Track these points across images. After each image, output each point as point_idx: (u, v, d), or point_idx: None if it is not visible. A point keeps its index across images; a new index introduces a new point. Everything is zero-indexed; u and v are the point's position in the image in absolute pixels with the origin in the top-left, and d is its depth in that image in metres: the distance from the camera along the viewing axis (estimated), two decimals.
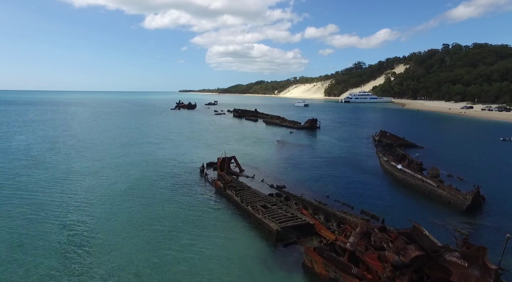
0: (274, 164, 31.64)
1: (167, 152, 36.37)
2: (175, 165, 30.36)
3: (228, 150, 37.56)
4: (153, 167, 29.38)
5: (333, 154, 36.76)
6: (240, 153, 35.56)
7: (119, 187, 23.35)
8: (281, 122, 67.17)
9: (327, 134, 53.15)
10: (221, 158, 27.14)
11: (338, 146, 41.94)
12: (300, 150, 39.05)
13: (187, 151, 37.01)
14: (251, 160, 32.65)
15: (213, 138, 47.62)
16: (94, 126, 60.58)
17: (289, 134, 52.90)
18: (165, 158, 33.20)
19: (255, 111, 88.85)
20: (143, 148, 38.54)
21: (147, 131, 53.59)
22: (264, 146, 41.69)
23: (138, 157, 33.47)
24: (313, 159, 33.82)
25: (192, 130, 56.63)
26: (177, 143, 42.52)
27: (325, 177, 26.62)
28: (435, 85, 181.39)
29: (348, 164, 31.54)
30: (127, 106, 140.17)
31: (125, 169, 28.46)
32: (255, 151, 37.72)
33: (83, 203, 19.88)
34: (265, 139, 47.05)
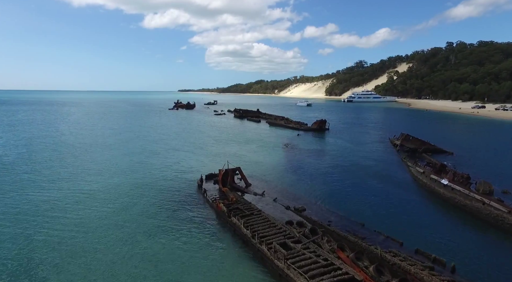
0: (285, 174, 26.83)
1: (160, 159, 31.51)
2: (168, 176, 25.54)
3: (231, 156, 32.87)
4: (140, 179, 24.54)
5: (351, 160, 31.96)
6: (244, 160, 30.78)
7: (90, 211, 18.52)
8: (286, 123, 62.22)
9: (338, 137, 48.35)
10: (223, 170, 22.34)
11: (353, 151, 37.14)
12: (312, 155, 34.25)
13: (183, 158, 32.17)
14: (257, 169, 27.86)
15: (213, 142, 42.79)
16: (83, 128, 55.70)
17: (296, 137, 48.10)
18: (156, 167, 28.35)
19: (257, 112, 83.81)
20: (132, 153, 33.69)
21: (140, 134, 48.73)
22: (271, 151, 36.89)
23: (125, 164, 28.64)
24: (329, 167, 29.01)
25: (189, 133, 51.79)
26: (172, 148, 37.69)
27: (350, 194, 21.82)
28: (440, 84, 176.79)
29: (372, 175, 26.74)
30: (123, 107, 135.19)
31: (105, 182, 23.63)
32: (261, 157, 32.91)
33: (44, 226, 15.08)
34: (271, 143, 42.25)
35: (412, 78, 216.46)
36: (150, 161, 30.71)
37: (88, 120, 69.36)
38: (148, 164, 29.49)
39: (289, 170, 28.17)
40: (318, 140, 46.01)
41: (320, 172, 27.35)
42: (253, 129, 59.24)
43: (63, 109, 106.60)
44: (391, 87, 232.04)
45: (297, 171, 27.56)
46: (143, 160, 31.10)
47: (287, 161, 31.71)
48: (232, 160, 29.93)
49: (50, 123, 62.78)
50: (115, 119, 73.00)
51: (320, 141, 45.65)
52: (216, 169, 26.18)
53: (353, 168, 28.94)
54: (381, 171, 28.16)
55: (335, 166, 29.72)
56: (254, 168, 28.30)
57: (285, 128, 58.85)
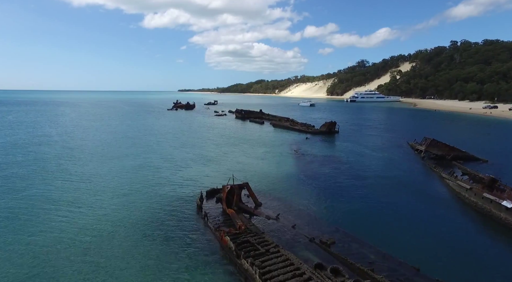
0: (300, 188, 22.81)
1: (153, 169, 27.44)
2: (161, 191, 21.50)
3: (234, 165, 28.82)
4: (126, 196, 20.47)
5: (374, 170, 27.94)
6: (250, 170, 26.75)
7: (63, 234, 14.49)
8: (292, 125, 58.10)
9: (350, 141, 44.31)
10: (228, 187, 18.29)
11: (372, 158, 33.11)
12: (327, 163, 30.21)
13: (180, 167, 28.13)
14: (266, 181, 23.86)
15: (213, 147, 38.75)
16: (74, 131, 51.64)
17: (305, 141, 44.06)
18: (148, 179, 24.31)
19: (260, 113, 79.57)
20: (121, 162, 29.64)
21: (134, 138, 44.69)
22: (279, 158, 32.85)
23: (110, 176, 24.60)
24: (351, 179, 24.99)
25: (188, 136, 47.75)
26: (168, 155, 33.66)
27: (385, 217, 17.79)
28: (445, 83, 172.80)
29: (403, 189, 22.74)
30: (121, 107, 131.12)
31: (86, 198, 19.59)
32: (270, 166, 28.86)
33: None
34: (278, 148, 38.23)
35: (415, 77, 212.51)
36: (141, 171, 26.65)
37: (81, 122, 65.30)
38: (139, 175, 25.44)
39: (304, 182, 24.14)
40: (330, 145, 41.98)
41: (341, 186, 23.32)
42: (257, 132, 55.21)
43: (57, 110, 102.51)
44: (394, 87, 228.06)
45: (314, 184, 23.53)
46: (133, 170, 27.03)
47: (299, 170, 27.65)
48: (237, 170, 25.97)
49: (40, 125, 58.75)
50: (110, 121, 68.93)
51: (331, 145, 41.62)
52: (218, 181, 22.22)
53: (378, 180, 24.92)
54: (411, 184, 24.14)
55: (357, 177, 25.69)
56: (262, 180, 24.28)
57: (291, 131, 54.81)
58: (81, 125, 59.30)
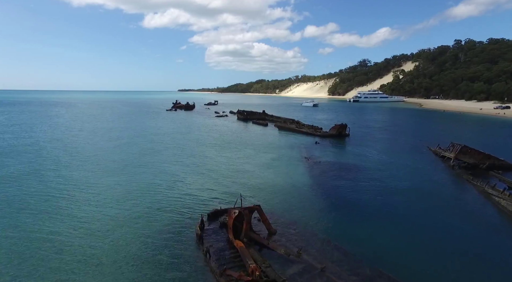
0: (319, 208, 19.06)
1: (143, 183, 23.59)
2: (152, 213, 17.74)
3: (239, 175, 25.08)
4: (107, 221, 16.77)
5: (399, 182, 24.21)
6: (258, 183, 23.05)
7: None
8: (298, 127, 54.35)
9: (364, 146, 40.59)
10: (236, 212, 14.54)
11: (394, 167, 29.37)
12: (346, 174, 26.47)
13: (177, 181, 24.35)
14: (279, 199, 20.16)
15: (215, 153, 35.02)
16: (64, 133, 47.90)
17: (315, 146, 40.34)
18: (136, 196, 20.52)
19: (263, 114, 75.66)
20: (109, 173, 25.91)
21: (128, 142, 40.98)
22: (290, 166, 29.12)
23: (94, 191, 20.88)
24: (377, 194, 21.25)
25: (187, 140, 44.05)
26: (163, 163, 29.92)
27: (429, 247, 14.07)
28: (450, 83, 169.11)
29: (439, 207, 19.04)
30: (118, 107, 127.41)
31: (57, 220, 15.90)
32: (280, 179, 25.11)
33: None
34: (286, 154, 34.53)
35: (419, 77, 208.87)
36: (129, 186, 22.88)
37: (73, 124, 61.54)
38: (126, 191, 21.65)
39: (322, 200, 20.40)
40: (342, 150, 38.25)
41: (368, 205, 19.59)
42: (261, 135, 51.48)
43: (51, 111, 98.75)
44: (398, 87, 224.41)
45: (335, 203, 19.80)
46: (119, 185, 23.24)
47: (315, 184, 23.90)
48: (242, 184, 22.26)
49: (30, 127, 55.05)
50: (104, 123, 65.19)
51: (345, 151, 37.88)
52: (221, 197, 18.59)
53: (408, 196, 21.20)
54: (448, 200, 20.46)
55: (383, 191, 21.96)
56: (273, 196, 20.58)
57: (297, 134, 51.05)
58: (73, 128, 55.58)
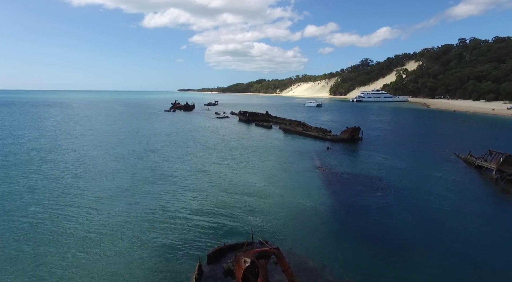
0: (352, 244, 15.08)
1: (127, 206, 19.60)
2: (134, 253, 13.73)
3: (244, 192, 21.00)
4: (76, 260, 12.79)
5: (434, 199, 20.20)
6: (267, 206, 18.99)
7: None
8: (306, 130, 50.27)
9: (381, 152, 36.60)
10: (247, 261, 10.54)
11: (423, 179, 25.35)
12: (370, 189, 22.44)
13: (167, 201, 20.30)
14: (298, 231, 16.15)
15: (215, 163, 30.93)
16: (53, 136, 43.88)
17: (327, 151, 36.33)
18: (115, 227, 16.50)
19: (266, 115, 71.46)
20: (91, 189, 21.92)
21: (119, 148, 36.97)
22: (303, 180, 25.07)
23: (65, 216, 16.91)
24: (419, 221, 17.26)
25: (185, 145, 40.04)
26: (152, 175, 25.91)
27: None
28: (456, 82, 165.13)
29: (491, 235, 15.08)
30: (116, 108, 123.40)
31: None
32: (294, 197, 21.06)
33: None
34: (296, 163, 30.52)
35: (423, 76, 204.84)
36: (110, 212, 18.86)
37: (63, 126, 57.49)
38: (101, 222, 17.68)
39: (354, 230, 16.34)
40: (359, 158, 34.17)
41: (412, 235, 15.59)
42: (265, 139, 47.44)
43: (44, 112, 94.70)
44: (401, 86, 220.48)
45: (372, 233, 15.77)
46: (103, 209, 19.26)
47: (339, 204, 19.83)
48: (249, 205, 18.21)
49: (17, 130, 51.01)
50: (98, 125, 61.16)
51: (361, 158, 33.80)
52: (224, 228, 14.62)
53: (451, 219, 17.21)
54: (501, 225, 16.46)
55: (424, 215, 17.93)
56: (290, 226, 16.55)
57: (305, 138, 47.03)
58: (63, 130, 51.57)
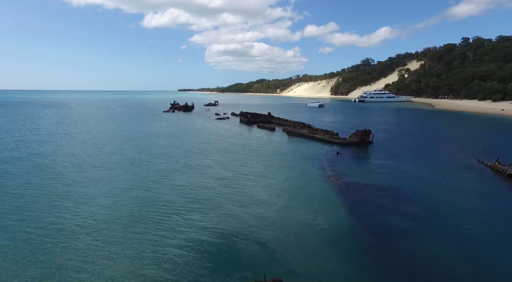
0: (379, 276, 12.28)
1: (111, 236, 16.81)
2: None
3: (250, 208, 18.06)
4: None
5: (468, 215, 17.39)
6: (278, 230, 16.13)
7: None
8: (312, 133, 47.36)
9: (395, 157, 33.75)
10: None
11: (451, 191, 22.47)
12: (394, 203, 19.59)
13: (158, 226, 17.43)
14: (317, 264, 13.32)
15: (215, 172, 28.09)
16: (43, 140, 41.08)
17: (337, 157, 33.50)
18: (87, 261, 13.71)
19: (268, 116, 68.55)
20: (74, 204, 19.09)
21: (107, 153, 34.15)
22: (315, 192, 22.21)
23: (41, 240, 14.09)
24: (457, 246, 14.42)
25: (181, 152, 37.20)
26: (143, 188, 23.08)
27: None
28: (460, 82, 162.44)
29: None
30: (113, 108, 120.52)
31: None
32: (307, 216, 18.14)
33: None
34: (305, 170, 27.68)
35: (426, 76, 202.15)
36: (92, 237, 16.06)
37: (57, 128, 54.63)
38: (78, 256, 14.84)
39: (382, 259, 13.54)
40: (373, 164, 31.20)
41: (452, 266, 12.76)
42: (268, 142, 44.57)
43: (39, 113, 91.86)
44: (403, 86, 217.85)
45: (404, 263, 12.96)
46: (85, 235, 16.43)
47: (357, 221, 16.96)
48: (255, 230, 15.30)
49: (6, 132, 48.19)
50: (92, 126, 58.32)
51: (376, 165, 30.85)
52: (226, 265, 11.75)
53: (495, 245, 14.39)
54: None
55: (461, 238, 15.11)
56: (301, 251, 13.71)
57: (311, 141, 44.15)
58: (55, 133, 48.74)
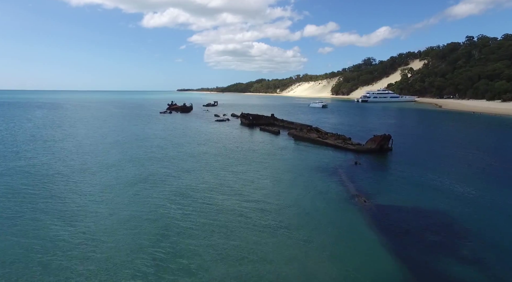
0: None
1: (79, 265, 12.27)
2: None
3: (256, 237, 13.43)
4: None
5: None
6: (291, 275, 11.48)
7: None
8: (321, 137, 42.75)
9: (424, 167, 29.17)
10: None
11: (509, 214, 18.03)
12: (451, 238, 15.11)
13: (146, 264, 12.97)
14: None
15: (213, 189, 23.50)
16: (20, 146, 36.54)
17: (355, 168, 28.95)
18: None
19: (272, 118, 63.77)
20: (41, 228, 14.55)
21: (90, 161, 29.59)
22: (337, 219, 17.70)
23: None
24: None
25: (176, 160, 32.64)
26: (128, 210, 18.51)
27: None
28: (467, 82, 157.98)
29: None
30: (108, 109, 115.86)
31: None
32: (330, 253, 13.71)
33: None
34: (323, 187, 23.15)
35: (430, 75, 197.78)
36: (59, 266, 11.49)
37: (43, 132, 49.95)
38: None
39: None
40: (402, 177, 26.48)
41: None
42: (273, 148, 39.98)
43: (30, 114, 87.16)
44: (407, 86, 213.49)
45: None
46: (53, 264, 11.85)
47: (408, 273, 12.51)
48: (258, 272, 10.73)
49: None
50: (81, 130, 53.69)
51: (405, 179, 26.18)
52: None
53: None
54: None
55: None
56: None
57: (321, 147, 39.61)
58: (39, 137, 44.12)
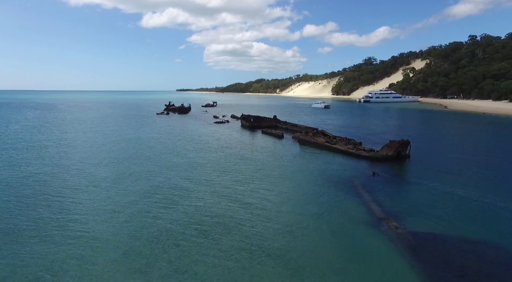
0: None
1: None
2: None
3: (257, 262, 9.87)
4: None
5: None
6: None
7: None
8: (329, 142, 39.15)
9: (454, 178, 25.65)
10: None
11: None
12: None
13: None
14: None
15: (210, 206, 20.00)
16: (10, 154, 32.99)
17: (374, 179, 25.44)
18: None
19: (274, 120, 60.15)
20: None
21: (74, 167, 25.99)
22: (364, 254, 14.20)
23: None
24: None
25: (168, 171, 29.05)
26: (112, 233, 14.93)
27: None
28: (471, 81, 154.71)
29: None
30: (103, 110, 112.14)
31: None
32: None
33: None
34: (336, 206, 19.66)
35: (433, 75, 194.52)
36: None
37: (26, 135, 46.34)
38: None
39: None
40: (429, 192, 22.92)
41: None
42: (277, 154, 36.41)
43: (21, 115, 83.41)
44: (409, 86, 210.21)
45: None
46: None
47: None
48: None
49: None
50: (71, 133, 50.02)
51: (433, 193, 22.61)
52: None
53: None
54: None
55: None
56: None
57: (329, 152, 36.05)
58: (23, 141, 40.49)
